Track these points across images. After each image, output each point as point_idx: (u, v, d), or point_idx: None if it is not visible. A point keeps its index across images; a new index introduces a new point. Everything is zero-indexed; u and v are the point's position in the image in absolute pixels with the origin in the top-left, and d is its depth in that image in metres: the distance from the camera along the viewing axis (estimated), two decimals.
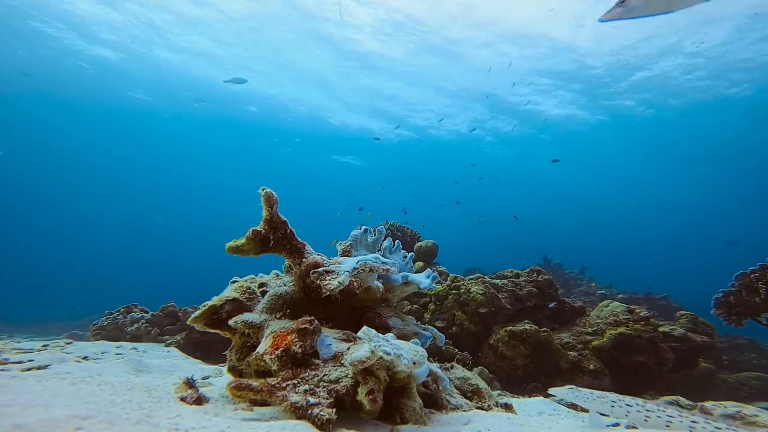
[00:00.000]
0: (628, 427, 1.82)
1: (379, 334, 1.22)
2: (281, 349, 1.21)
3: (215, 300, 1.50)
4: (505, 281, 4.71)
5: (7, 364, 1.75)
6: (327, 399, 1.10)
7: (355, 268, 1.47)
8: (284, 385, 1.14)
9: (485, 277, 4.80)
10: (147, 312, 4.66)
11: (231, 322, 1.41)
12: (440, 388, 1.51)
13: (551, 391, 1.74)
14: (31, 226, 41.25)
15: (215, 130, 23.43)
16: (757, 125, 16.79)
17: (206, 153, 28.38)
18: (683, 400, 2.43)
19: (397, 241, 2.10)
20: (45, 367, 1.69)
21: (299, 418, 1.06)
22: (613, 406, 1.46)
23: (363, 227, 1.94)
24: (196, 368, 2.32)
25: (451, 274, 4.83)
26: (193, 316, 1.46)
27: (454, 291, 4.38)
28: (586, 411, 2.53)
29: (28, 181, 33.95)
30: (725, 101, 15.47)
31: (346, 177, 29.09)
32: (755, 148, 19.23)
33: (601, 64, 13.71)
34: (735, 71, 13.21)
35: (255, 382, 1.16)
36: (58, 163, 30.62)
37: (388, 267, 1.55)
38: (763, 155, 20.19)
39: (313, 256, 1.56)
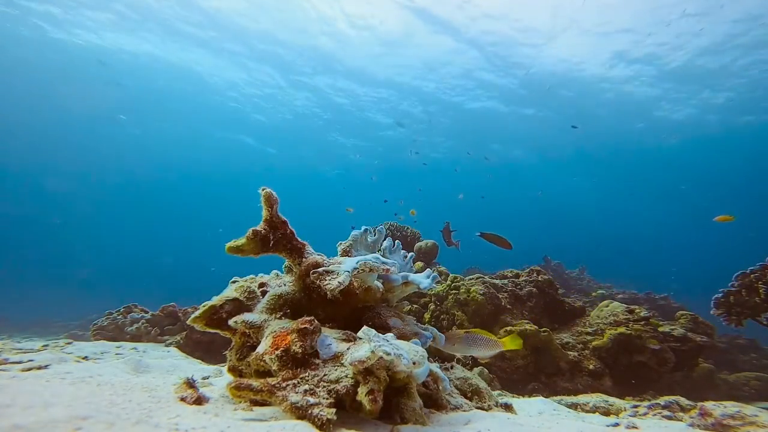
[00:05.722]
0: (628, 427, 1.82)
1: (379, 334, 1.22)
2: (281, 349, 1.21)
3: (215, 300, 1.50)
4: (505, 281, 4.72)
5: (7, 364, 1.75)
6: (327, 399, 1.10)
7: (355, 268, 1.47)
8: (284, 385, 1.14)
9: (485, 276, 4.80)
10: (147, 312, 4.66)
11: (231, 322, 1.40)
12: (440, 388, 1.51)
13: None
14: (30, 226, 41.24)
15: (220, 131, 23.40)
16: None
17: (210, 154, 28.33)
18: (683, 400, 2.42)
19: (397, 241, 2.09)
20: (45, 367, 1.69)
21: (299, 418, 1.06)
22: None
23: (363, 227, 1.94)
24: (196, 368, 2.32)
25: (451, 274, 4.83)
26: (193, 316, 1.45)
27: (454, 291, 4.38)
28: (587, 411, 2.53)
29: (30, 181, 33.94)
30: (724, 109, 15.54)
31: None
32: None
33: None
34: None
35: (255, 382, 1.16)
36: (59, 163, 30.62)
37: (388, 267, 1.55)
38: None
39: (313, 256, 1.56)
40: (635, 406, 2.51)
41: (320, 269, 1.45)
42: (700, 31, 11.05)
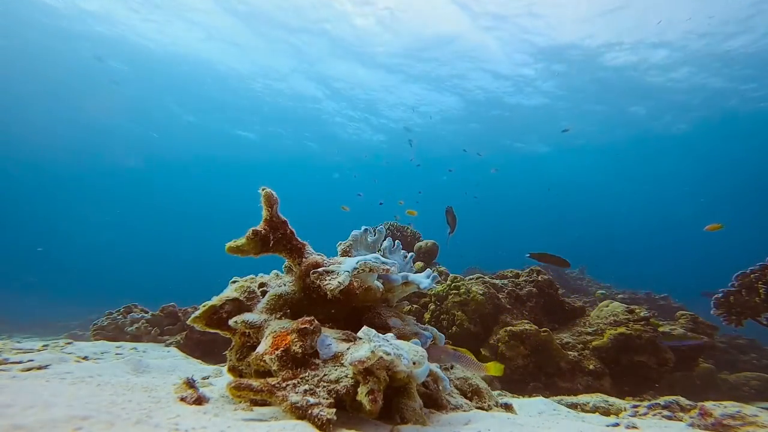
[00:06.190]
0: (628, 427, 1.82)
1: (379, 334, 1.22)
2: (281, 349, 1.21)
3: (215, 300, 1.50)
4: (505, 281, 4.72)
5: (7, 364, 1.75)
6: (327, 399, 1.10)
7: (355, 268, 1.47)
8: (284, 385, 1.14)
9: (485, 276, 4.80)
10: (147, 312, 4.66)
11: (231, 322, 1.40)
12: (440, 388, 1.51)
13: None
14: (30, 225, 41.23)
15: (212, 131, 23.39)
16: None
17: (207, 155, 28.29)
18: (683, 400, 2.42)
19: (397, 241, 2.09)
20: (45, 367, 1.69)
21: (299, 418, 1.06)
22: None
23: (363, 227, 1.94)
24: (196, 368, 2.32)
25: (451, 274, 4.83)
26: (193, 316, 1.45)
27: (454, 291, 4.38)
28: (587, 411, 2.53)
29: (30, 181, 33.94)
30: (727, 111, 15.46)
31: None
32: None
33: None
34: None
35: (255, 382, 1.16)
36: (58, 163, 30.61)
37: (388, 267, 1.55)
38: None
39: (312, 256, 1.56)
40: (635, 406, 2.51)
41: (320, 269, 1.45)
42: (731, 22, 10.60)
